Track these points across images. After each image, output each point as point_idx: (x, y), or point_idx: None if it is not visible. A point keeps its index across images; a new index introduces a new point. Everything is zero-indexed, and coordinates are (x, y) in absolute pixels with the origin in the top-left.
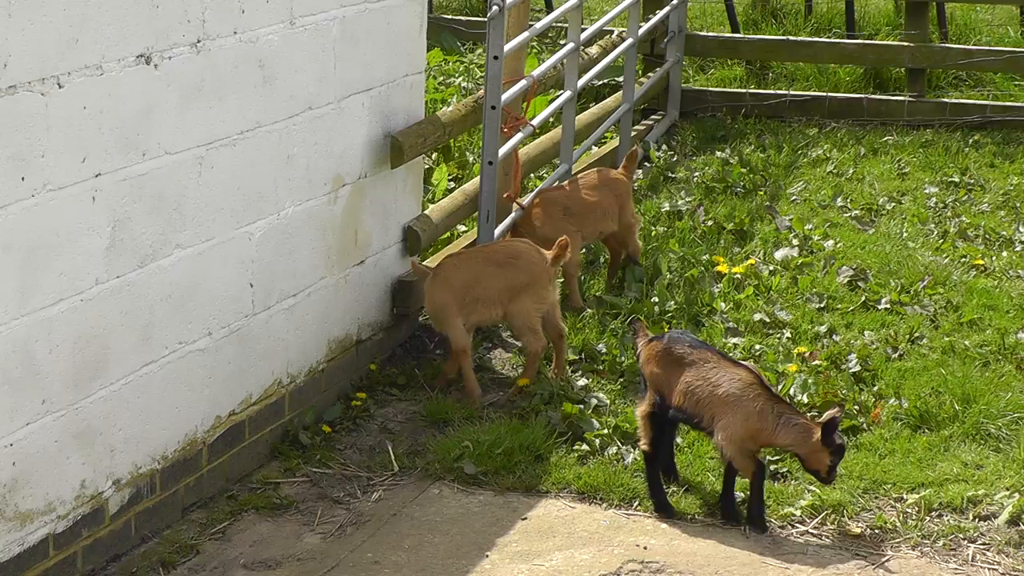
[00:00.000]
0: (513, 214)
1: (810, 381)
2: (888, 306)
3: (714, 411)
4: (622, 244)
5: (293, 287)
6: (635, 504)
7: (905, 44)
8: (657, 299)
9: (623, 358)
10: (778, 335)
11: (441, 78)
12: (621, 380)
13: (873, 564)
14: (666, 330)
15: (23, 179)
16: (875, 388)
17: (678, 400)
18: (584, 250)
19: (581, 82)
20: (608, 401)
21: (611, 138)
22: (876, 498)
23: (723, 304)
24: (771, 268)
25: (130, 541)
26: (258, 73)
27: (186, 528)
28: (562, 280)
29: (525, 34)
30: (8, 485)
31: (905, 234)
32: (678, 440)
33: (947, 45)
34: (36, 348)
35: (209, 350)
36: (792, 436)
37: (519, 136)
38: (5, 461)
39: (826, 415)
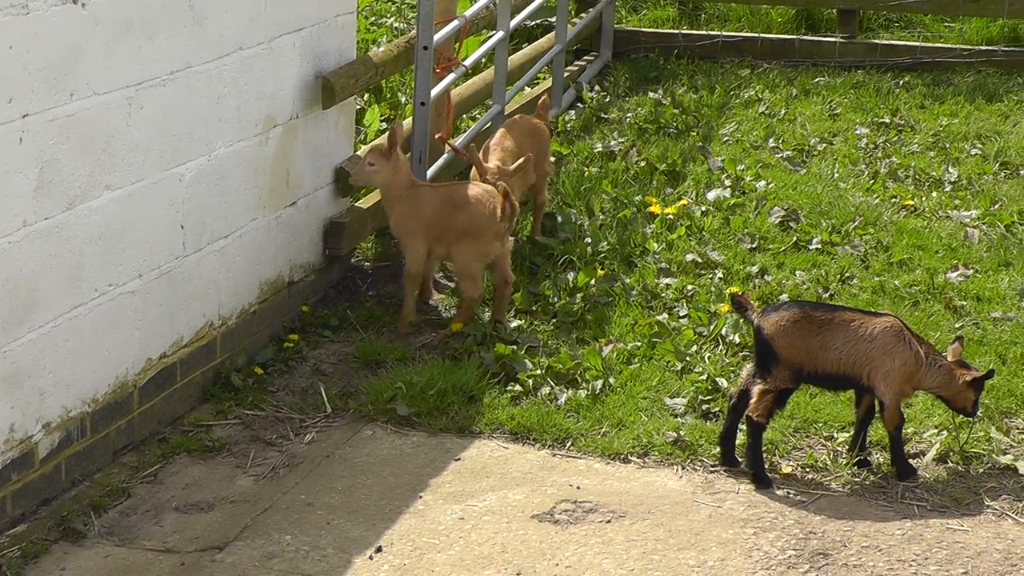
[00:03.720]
0: (446, 155)
1: (742, 321)
2: (819, 246)
3: (872, 364)
4: (536, 192)
5: (224, 228)
6: (568, 444)
7: None
8: (590, 240)
9: (556, 298)
10: (710, 275)
11: (373, 18)
12: (554, 321)
13: (804, 502)
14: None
15: None
16: None
17: (833, 366)
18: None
19: (514, 22)
20: (541, 342)
21: (544, 79)
22: (807, 437)
23: (656, 244)
24: (703, 209)
25: (60, 485)
26: (188, 13)
27: (117, 471)
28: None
29: None
30: None
31: (836, 175)
32: (611, 381)
33: None
34: None
35: (140, 292)
36: (939, 379)
37: (451, 77)
38: None
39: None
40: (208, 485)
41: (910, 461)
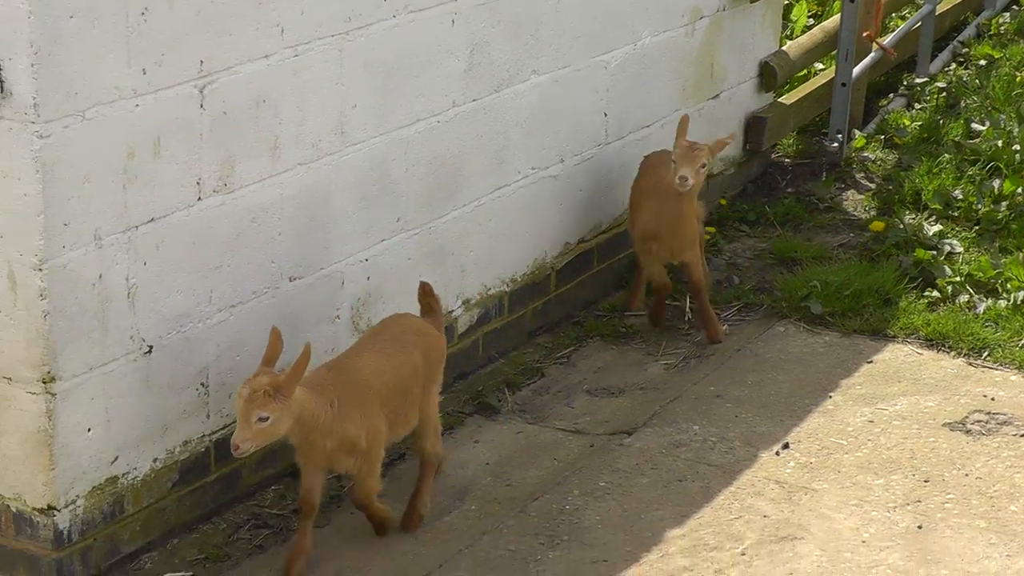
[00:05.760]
0: (872, 54)
1: None
2: None
3: None
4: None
5: (646, 118)
6: (984, 354)
7: None
8: (1019, 147)
9: (980, 205)
10: None
11: None
12: (976, 228)
13: None
14: None
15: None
16: None
17: None
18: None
19: None
20: (962, 249)
21: None
22: None
23: None
24: None
25: (477, 360)
26: None
27: (531, 351)
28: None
29: None
30: (362, 299)
31: None
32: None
33: None
34: (392, 167)
35: (561, 177)
36: None
37: None
38: (360, 275)
39: None
40: (619, 370)
41: None
